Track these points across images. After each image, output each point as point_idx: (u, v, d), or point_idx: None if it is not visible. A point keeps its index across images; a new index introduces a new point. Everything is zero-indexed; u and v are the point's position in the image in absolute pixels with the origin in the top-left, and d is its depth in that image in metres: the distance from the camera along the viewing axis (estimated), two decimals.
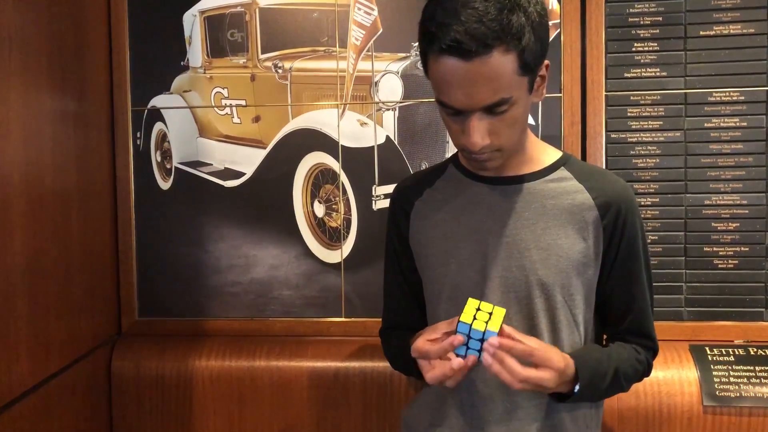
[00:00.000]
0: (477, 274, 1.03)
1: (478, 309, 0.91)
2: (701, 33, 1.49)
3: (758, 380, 1.37)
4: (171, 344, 1.61)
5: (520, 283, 1.01)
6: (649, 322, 1.08)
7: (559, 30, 1.51)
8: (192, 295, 1.66)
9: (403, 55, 1.57)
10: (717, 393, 1.37)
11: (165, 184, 1.65)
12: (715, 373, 1.39)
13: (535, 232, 1.01)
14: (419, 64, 1.52)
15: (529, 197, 1.03)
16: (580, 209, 1.02)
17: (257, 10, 1.60)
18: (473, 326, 0.89)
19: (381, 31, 1.57)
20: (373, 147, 1.58)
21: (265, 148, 1.62)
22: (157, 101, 1.64)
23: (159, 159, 1.65)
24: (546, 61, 0.95)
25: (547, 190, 1.04)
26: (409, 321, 1.12)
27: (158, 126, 1.65)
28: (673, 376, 1.41)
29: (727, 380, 1.38)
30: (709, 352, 1.44)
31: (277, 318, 1.64)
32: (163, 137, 1.65)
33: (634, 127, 1.52)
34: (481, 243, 1.03)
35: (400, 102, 1.58)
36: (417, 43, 1.49)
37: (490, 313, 0.91)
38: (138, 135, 1.65)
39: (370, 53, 1.58)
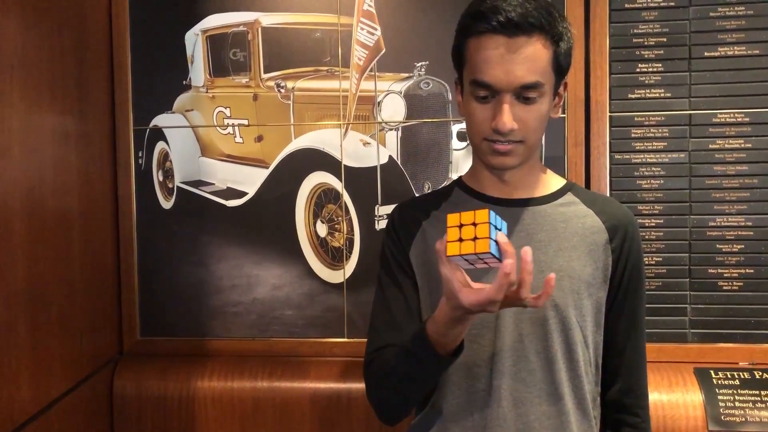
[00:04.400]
0: None
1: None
2: (706, 54, 1.49)
3: (764, 405, 1.37)
4: (173, 364, 1.60)
5: None
6: (643, 368, 1.11)
7: None
8: (194, 315, 1.65)
9: (406, 75, 1.57)
10: (722, 417, 1.36)
11: (167, 204, 1.65)
12: (720, 397, 1.38)
13: (548, 254, 1.02)
14: (422, 84, 1.57)
15: (540, 220, 1.04)
16: (591, 232, 1.05)
17: (259, 30, 1.59)
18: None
19: (384, 51, 1.57)
20: (375, 167, 1.58)
21: (267, 167, 1.61)
22: (159, 120, 1.64)
23: (161, 178, 1.65)
24: (565, 80, 1.02)
25: (557, 213, 1.06)
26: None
27: (160, 145, 1.64)
28: (677, 400, 1.41)
29: (732, 404, 1.37)
30: (714, 375, 1.43)
31: (279, 338, 1.63)
32: (165, 156, 1.65)
33: (638, 148, 1.51)
34: None
35: (403, 122, 1.57)
36: (420, 63, 1.55)
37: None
38: (140, 154, 1.65)
39: (372, 73, 1.57)
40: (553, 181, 1.10)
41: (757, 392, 1.39)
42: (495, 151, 0.99)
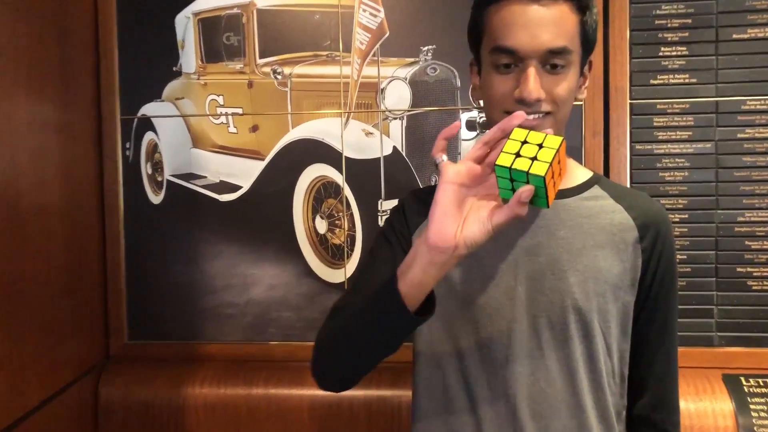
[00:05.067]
0: (504, 295, 0.95)
1: (525, 142, 0.77)
2: (734, 36, 1.41)
3: None
4: (162, 369, 1.55)
5: (555, 306, 0.94)
6: (675, 381, 1.02)
7: None
8: (185, 317, 1.59)
9: (412, 60, 1.50)
10: (755, 429, 1.27)
11: (156, 198, 1.59)
12: (752, 406, 1.29)
13: (571, 252, 0.95)
14: (429, 70, 1.51)
15: (563, 214, 0.97)
16: (619, 229, 0.97)
17: (255, 12, 1.54)
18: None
19: (388, 34, 1.51)
20: (379, 158, 1.52)
21: (263, 159, 1.55)
22: (148, 109, 1.58)
23: (150, 171, 1.59)
24: (591, 59, 0.97)
25: (583, 208, 0.98)
26: None
27: (149, 136, 1.59)
28: (705, 408, 1.32)
29: (765, 414, 1.28)
30: (744, 382, 1.34)
31: (276, 342, 1.57)
32: (154, 148, 1.59)
33: (661, 137, 1.44)
34: (510, 261, 0.96)
35: (409, 110, 1.51)
36: (426, 47, 1.49)
37: (540, 145, 0.76)
38: (127, 146, 1.59)
39: (375, 58, 1.51)
40: (578, 172, 1.03)
41: None
42: (519, 126, 0.90)
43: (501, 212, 0.77)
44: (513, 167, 0.75)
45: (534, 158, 0.75)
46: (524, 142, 0.77)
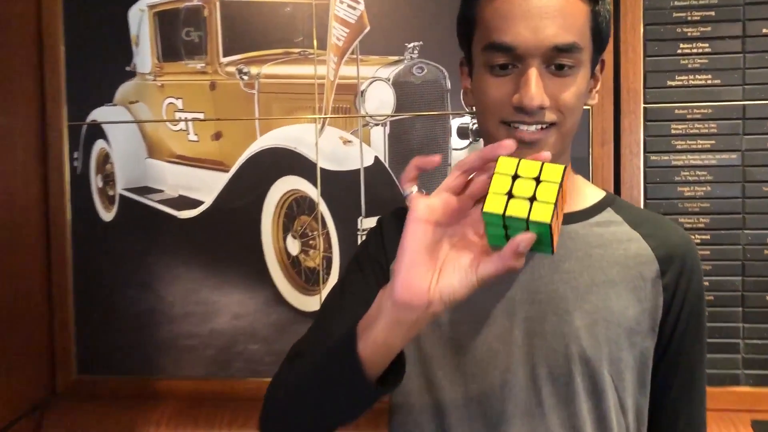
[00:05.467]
0: (497, 340, 0.86)
1: (516, 176, 0.63)
2: (764, 31, 1.31)
3: None
4: (114, 408, 1.46)
5: (558, 355, 0.84)
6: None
7: None
8: (140, 349, 1.52)
9: (396, 58, 1.42)
10: None
11: (107, 215, 1.52)
12: None
13: (578, 289, 0.85)
14: (415, 69, 1.41)
15: (570, 244, 0.87)
16: (636, 262, 0.87)
17: (218, 5, 1.47)
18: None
19: (368, 29, 1.43)
20: (358, 170, 1.45)
21: (227, 171, 1.48)
22: (98, 114, 1.51)
23: (100, 184, 1.52)
24: (603, 57, 0.88)
25: (592, 235, 0.88)
26: None
27: (99, 144, 1.52)
28: None
29: None
30: None
31: (241, 378, 1.49)
32: (104, 158, 1.52)
33: (679, 147, 1.35)
34: (506, 300, 0.86)
35: (392, 116, 1.43)
36: (412, 44, 1.39)
37: (537, 179, 0.62)
38: (75, 155, 1.52)
39: (354, 56, 1.44)
40: (588, 192, 0.92)
41: None
42: (517, 140, 0.79)
43: (490, 263, 0.63)
44: (507, 214, 0.60)
45: (533, 198, 0.60)
46: (516, 177, 0.61)
